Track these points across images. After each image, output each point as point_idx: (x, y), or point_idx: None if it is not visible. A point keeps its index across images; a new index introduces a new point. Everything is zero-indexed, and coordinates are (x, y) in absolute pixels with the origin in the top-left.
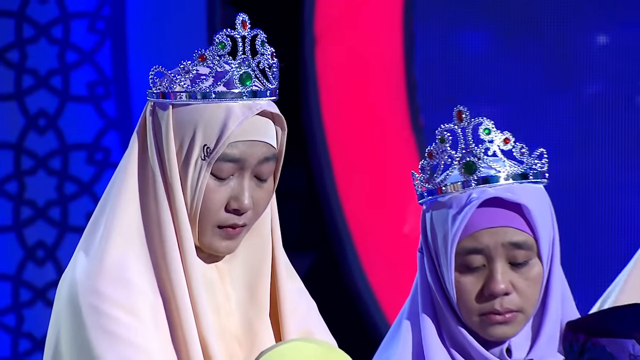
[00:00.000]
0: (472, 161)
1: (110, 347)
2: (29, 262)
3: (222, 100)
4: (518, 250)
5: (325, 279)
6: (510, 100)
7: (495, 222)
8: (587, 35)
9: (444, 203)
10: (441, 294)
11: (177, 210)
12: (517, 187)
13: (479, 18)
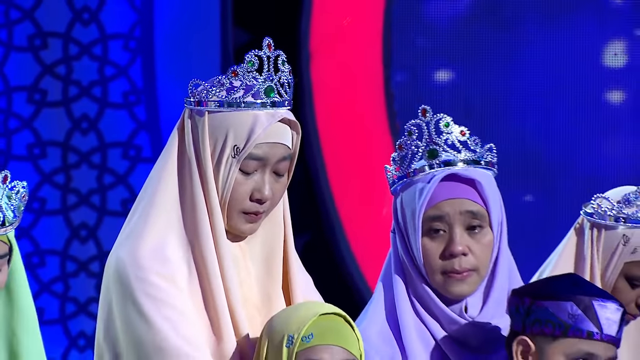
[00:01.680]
0: (435, 148)
1: (154, 307)
2: (74, 240)
3: (249, 109)
4: (473, 218)
5: (317, 255)
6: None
7: (454, 194)
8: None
9: (411, 183)
10: (410, 262)
11: (211, 199)
12: (471, 169)
13: (447, 51)
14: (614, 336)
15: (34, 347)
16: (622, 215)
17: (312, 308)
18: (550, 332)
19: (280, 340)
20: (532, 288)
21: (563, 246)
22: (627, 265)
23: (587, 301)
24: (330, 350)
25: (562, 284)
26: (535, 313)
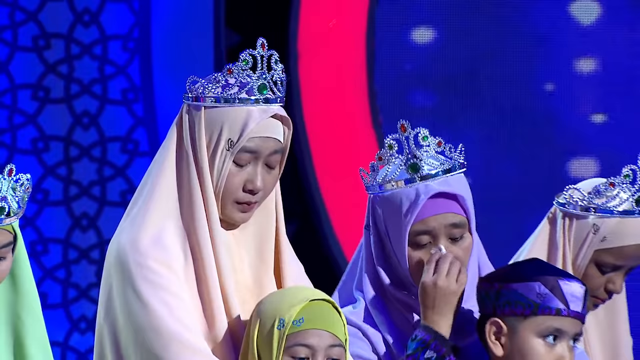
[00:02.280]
0: (416, 162)
1: (152, 292)
2: (76, 229)
3: (244, 105)
4: (456, 229)
5: (305, 243)
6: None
7: (440, 210)
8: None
9: (393, 196)
10: (384, 263)
11: (206, 189)
12: (450, 179)
13: (427, 49)
14: (580, 312)
15: (37, 330)
16: (593, 206)
17: (303, 293)
18: (521, 312)
19: (271, 323)
20: (500, 273)
21: (537, 234)
22: (597, 253)
23: (553, 281)
24: (319, 335)
25: (528, 267)
26: (505, 296)
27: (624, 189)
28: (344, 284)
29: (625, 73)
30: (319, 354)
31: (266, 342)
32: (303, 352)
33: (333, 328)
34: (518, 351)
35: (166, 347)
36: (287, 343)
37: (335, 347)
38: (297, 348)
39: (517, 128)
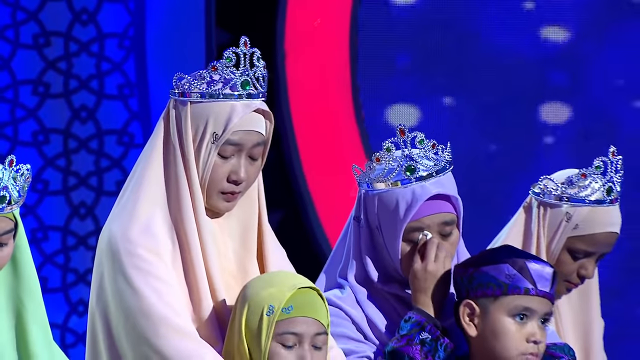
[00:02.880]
0: (412, 165)
1: (141, 278)
2: (74, 217)
3: (227, 100)
4: (447, 226)
5: (291, 230)
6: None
7: (434, 210)
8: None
9: (388, 195)
10: (372, 253)
11: (192, 180)
12: (442, 180)
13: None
14: (548, 292)
15: (37, 312)
16: (566, 195)
17: (290, 280)
18: (492, 293)
19: (261, 309)
20: (473, 259)
21: (513, 222)
22: (570, 240)
23: (521, 262)
24: (307, 322)
25: (499, 252)
26: (477, 279)
27: (595, 180)
28: (329, 268)
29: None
30: (305, 341)
31: (255, 327)
32: (291, 339)
33: (319, 315)
34: (490, 331)
35: (155, 331)
36: (276, 330)
37: (320, 335)
38: (286, 335)
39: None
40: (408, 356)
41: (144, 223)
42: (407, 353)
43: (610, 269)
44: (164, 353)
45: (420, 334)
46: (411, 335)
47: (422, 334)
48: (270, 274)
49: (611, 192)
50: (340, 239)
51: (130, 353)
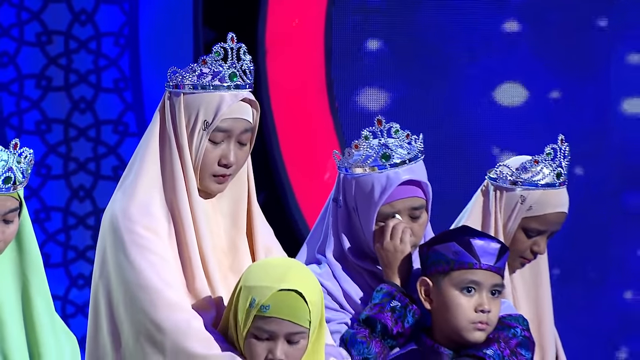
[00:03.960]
0: (388, 152)
1: (140, 254)
2: (74, 199)
3: (217, 91)
4: (417, 210)
5: (271, 211)
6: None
7: (406, 194)
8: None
9: (365, 179)
10: (348, 232)
11: (186, 164)
12: (414, 167)
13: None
14: (492, 265)
15: (41, 286)
16: (520, 180)
17: (278, 279)
18: (442, 269)
19: (247, 299)
20: (431, 240)
21: (471, 205)
22: (524, 220)
23: (466, 240)
24: (280, 324)
25: (452, 232)
26: (430, 257)
27: (546, 165)
28: (309, 244)
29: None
30: (278, 338)
31: (240, 313)
32: (264, 335)
33: (296, 317)
34: (442, 303)
35: (152, 302)
36: (254, 323)
37: (295, 334)
38: (260, 331)
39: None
40: (380, 322)
41: (142, 204)
42: (380, 319)
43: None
44: (157, 322)
45: (391, 302)
46: (382, 303)
47: (393, 302)
48: (270, 264)
49: (560, 176)
50: (320, 218)
51: (128, 322)
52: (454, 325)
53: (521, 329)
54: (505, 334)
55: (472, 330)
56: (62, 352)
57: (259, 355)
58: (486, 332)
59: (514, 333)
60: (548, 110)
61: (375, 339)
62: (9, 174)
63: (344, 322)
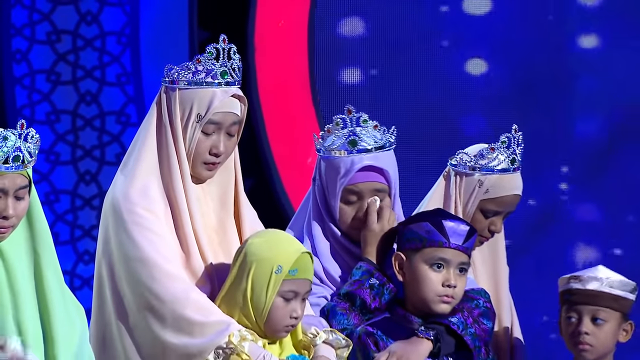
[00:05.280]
0: (355, 139)
1: (140, 232)
2: (81, 183)
3: (209, 87)
4: (378, 193)
5: (259, 196)
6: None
7: (368, 179)
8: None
9: (335, 161)
10: (325, 210)
11: (180, 153)
12: (380, 155)
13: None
14: (460, 245)
15: (51, 260)
16: (478, 166)
17: (294, 245)
18: (415, 246)
19: (270, 268)
20: (407, 220)
21: (434, 189)
22: (482, 202)
23: (438, 220)
24: (305, 283)
25: (427, 213)
26: (405, 234)
27: (502, 152)
28: (294, 223)
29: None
30: (299, 296)
31: (262, 282)
32: (291, 295)
33: (312, 276)
34: (414, 277)
35: (151, 275)
36: (281, 287)
37: (309, 291)
38: (288, 292)
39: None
40: (360, 297)
41: (141, 187)
42: (359, 295)
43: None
44: (157, 293)
45: (370, 280)
46: (362, 280)
47: (371, 280)
48: (271, 236)
49: (514, 162)
50: (304, 201)
51: (129, 294)
52: (423, 297)
53: (483, 300)
54: (469, 305)
55: (439, 303)
56: (71, 320)
57: (284, 315)
58: (451, 304)
59: (476, 304)
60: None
61: (354, 312)
62: (17, 153)
63: (323, 296)
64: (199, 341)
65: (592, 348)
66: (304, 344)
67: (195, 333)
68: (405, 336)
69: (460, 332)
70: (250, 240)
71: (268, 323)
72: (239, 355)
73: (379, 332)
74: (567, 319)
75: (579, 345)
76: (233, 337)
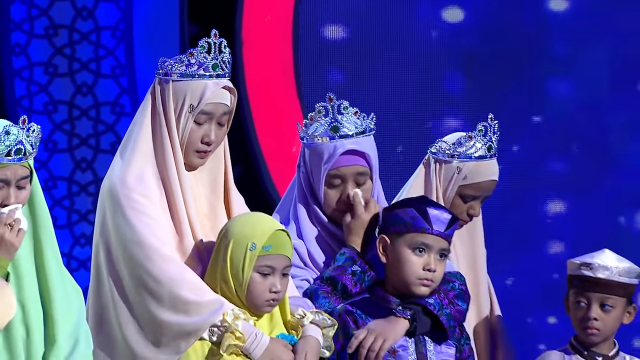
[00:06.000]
0: (336, 125)
1: (136, 217)
2: (77, 170)
3: (201, 79)
4: (360, 176)
5: (247, 183)
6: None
7: (350, 162)
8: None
9: (318, 148)
10: (310, 195)
11: (174, 142)
12: (361, 140)
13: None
14: (442, 232)
15: (51, 244)
16: (456, 153)
17: (268, 223)
18: (399, 230)
19: (245, 245)
20: (393, 205)
21: (415, 175)
22: (460, 187)
23: (423, 207)
24: (280, 259)
25: (412, 200)
26: (390, 219)
27: (479, 140)
28: (280, 209)
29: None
30: (277, 271)
31: (238, 260)
32: (267, 270)
33: (288, 252)
34: (396, 260)
35: (147, 257)
36: (257, 262)
37: (287, 267)
38: (263, 267)
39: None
40: (341, 283)
41: (137, 174)
42: (341, 280)
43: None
44: (154, 274)
45: (352, 266)
46: (345, 266)
47: (354, 267)
48: (250, 216)
49: (491, 149)
50: (289, 187)
51: (127, 275)
52: (404, 279)
53: (459, 283)
54: (445, 287)
55: (419, 285)
56: (69, 300)
57: (264, 290)
58: (430, 288)
59: (452, 286)
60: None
61: (335, 295)
62: (19, 146)
63: (305, 279)
64: (194, 320)
65: (599, 332)
66: (291, 324)
67: (191, 312)
68: (384, 315)
69: (436, 312)
70: (230, 221)
71: (249, 297)
72: (232, 333)
73: (358, 311)
74: (577, 304)
75: (588, 330)
76: (227, 315)
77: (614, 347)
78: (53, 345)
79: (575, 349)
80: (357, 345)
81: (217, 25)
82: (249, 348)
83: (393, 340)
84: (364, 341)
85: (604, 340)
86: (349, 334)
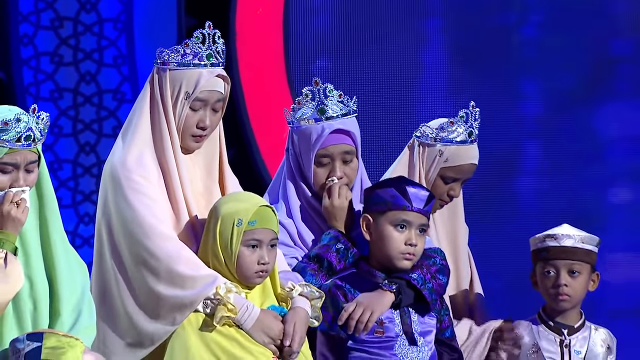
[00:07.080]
0: (323, 107)
1: (136, 197)
2: (81, 153)
3: (196, 68)
4: (347, 154)
5: (240, 166)
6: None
7: (337, 141)
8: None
9: (306, 129)
10: (299, 175)
11: (171, 127)
12: (346, 121)
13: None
14: (421, 208)
15: (56, 223)
16: (439, 137)
17: (253, 200)
18: (380, 208)
19: (231, 222)
20: (374, 185)
21: (400, 158)
22: (442, 170)
23: (402, 186)
24: (266, 233)
25: (392, 180)
26: (372, 198)
27: (460, 126)
28: (271, 190)
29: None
30: (264, 244)
31: (227, 235)
32: (254, 242)
33: (273, 226)
34: (379, 236)
35: (146, 235)
36: (244, 237)
37: (273, 239)
38: (250, 241)
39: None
40: (327, 260)
41: (137, 157)
42: (326, 257)
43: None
44: (152, 251)
45: (336, 244)
46: (330, 245)
47: (338, 245)
48: (236, 195)
49: (472, 135)
50: (279, 169)
51: (127, 253)
52: (387, 254)
53: (439, 258)
54: (427, 262)
55: (401, 259)
56: (73, 276)
57: (252, 262)
58: (412, 261)
59: (434, 262)
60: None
61: (322, 272)
62: (29, 133)
63: (294, 257)
64: (189, 293)
65: (570, 298)
66: (281, 297)
67: (187, 286)
68: (370, 289)
69: (419, 286)
70: (218, 201)
71: (239, 270)
72: (225, 305)
73: (347, 285)
74: (545, 274)
75: (559, 297)
76: (220, 289)
77: (581, 317)
78: (58, 318)
79: (542, 320)
80: (347, 317)
81: (213, 17)
82: (240, 319)
83: (380, 312)
84: (353, 313)
85: (573, 307)
86: (339, 307)
